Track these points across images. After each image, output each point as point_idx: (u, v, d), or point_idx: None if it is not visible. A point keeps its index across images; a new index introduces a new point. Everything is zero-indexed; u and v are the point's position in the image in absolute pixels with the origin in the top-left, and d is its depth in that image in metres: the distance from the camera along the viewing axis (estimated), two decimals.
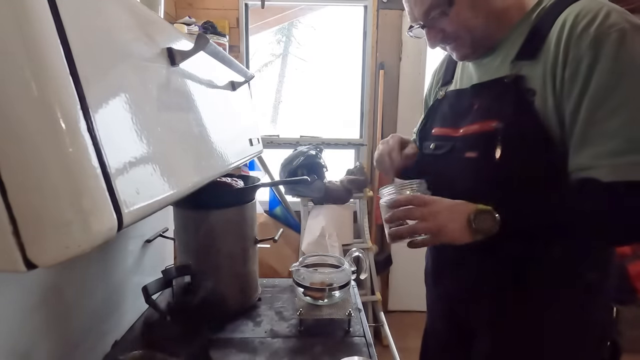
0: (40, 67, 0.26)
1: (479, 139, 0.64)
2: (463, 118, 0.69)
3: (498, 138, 0.60)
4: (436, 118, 0.79)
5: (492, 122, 0.62)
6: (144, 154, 0.37)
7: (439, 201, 0.61)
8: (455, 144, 0.70)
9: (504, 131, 0.60)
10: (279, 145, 2.34)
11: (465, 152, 0.67)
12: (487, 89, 0.66)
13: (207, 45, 0.51)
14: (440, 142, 0.75)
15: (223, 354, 0.75)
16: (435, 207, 0.60)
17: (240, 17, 2.17)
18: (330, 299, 0.86)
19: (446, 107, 0.77)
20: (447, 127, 0.74)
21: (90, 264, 0.73)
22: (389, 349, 1.88)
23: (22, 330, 0.56)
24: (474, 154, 0.65)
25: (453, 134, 0.71)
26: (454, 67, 0.80)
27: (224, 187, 0.87)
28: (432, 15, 0.64)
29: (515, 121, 0.59)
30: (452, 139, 0.71)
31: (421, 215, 0.60)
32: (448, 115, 0.75)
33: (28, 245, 0.26)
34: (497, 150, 0.60)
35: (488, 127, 0.62)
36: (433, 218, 0.59)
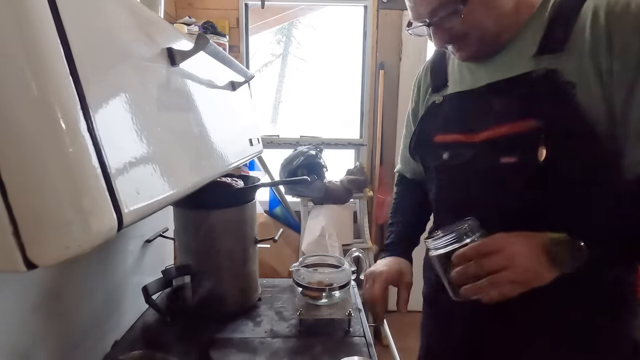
0: (40, 68, 0.26)
1: (515, 142, 0.58)
2: (480, 121, 0.63)
3: (540, 138, 0.54)
4: (437, 124, 0.72)
5: (528, 121, 0.56)
6: (144, 154, 0.37)
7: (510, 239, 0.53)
8: (477, 151, 0.63)
9: (546, 129, 0.54)
10: (279, 145, 2.34)
11: (499, 158, 0.59)
12: (509, 87, 0.60)
13: (207, 45, 0.51)
14: (455, 149, 0.67)
15: (223, 354, 0.75)
16: (511, 250, 0.52)
17: (240, 17, 2.17)
18: (330, 299, 0.86)
19: (449, 111, 0.70)
20: (459, 133, 0.66)
21: (90, 264, 0.73)
22: (389, 349, 1.88)
23: (22, 330, 0.56)
24: (512, 158, 0.58)
25: (470, 139, 0.64)
26: (443, 70, 0.75)
27: (224, 187, 0.87)
28: (440, 14, 0.59)
29: (558, 117, 0.54)
30: (470, 145, 0.64)
31: (500, 265, 0.51)
32: (455, 119, 0.68)
33: (28, 246, 0.26)
34: (540, 152, 0.54)
35: (525, 127, 0.56)
36: (514, 263, 0.51)
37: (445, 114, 0.71)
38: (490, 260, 0.52)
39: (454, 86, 0.72)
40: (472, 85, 0.67)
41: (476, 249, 0.54)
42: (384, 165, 2.31)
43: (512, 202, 0.58)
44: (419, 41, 2.20)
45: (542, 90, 0.56)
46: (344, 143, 2.37)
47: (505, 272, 0.51)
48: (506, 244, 0.53)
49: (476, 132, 0.63)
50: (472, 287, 0.53)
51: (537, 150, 0.54)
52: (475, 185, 0.64)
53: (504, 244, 0.53)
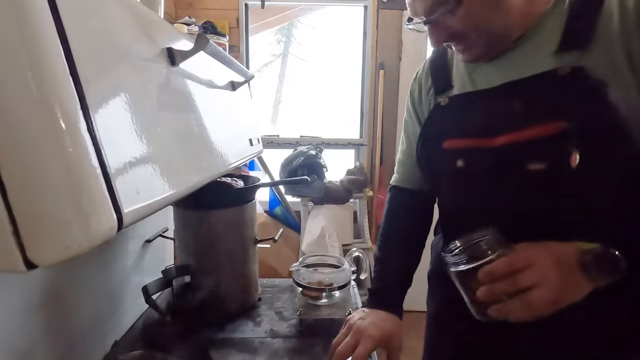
0: (40, 68, 0.26)
1: (544, 146, 0.52)
2: (500, 123, 0.57)
3: (572, 141, 0.49)
4: (445, 128, 0.65)
5: (557, 122, 0.50)
6: (144, 154, 0.37)
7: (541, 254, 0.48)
8: (499, 157, 0.57)
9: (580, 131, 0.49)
10: (279, 145, 2.34)
11: (526, 164, 0.54)
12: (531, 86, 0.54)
13: (207, 45, 0.51)
14: (471, 156, 0.61)
15: (223, 354, 0.75)
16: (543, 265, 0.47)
17: (240, 17, 2.17)
18: (330, 299, 0.86)
19: (458, 114, 0.64)
20: (473, 137, 0.60)
21: (90, 264, 0.73)
22: None
23: (22, 330, 0.56)
24: (541, 165, 0.52)
25: (488, 144, 0.58)
26: (446, 71, 0.68)
27: (224, 187, 0.87)
28: (436, 12, 0.55)
29: (591, 118, 0.49)
30: (488, 150, 0.58)
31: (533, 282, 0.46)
32: (466, 122, 0.62)
33: (28, 245, 0.26)
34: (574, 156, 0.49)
35: (555, 129, 0.50)
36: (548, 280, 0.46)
37: (453, 116, 0.65)
38: (522, 276, 0.46)
39: (461, 87, 0.65)
40: (485, 85, 0.61)
41: (508, 264, 0.48)
42: (384, 165, 2.31)
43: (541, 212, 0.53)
44: (419, 41, 2.20)
45: (570, 89, 0.50)
46: (344, 143, 2.37)
47: (539, 290, 0.46)
48: (538, 258, 0.47)
49: (494, 136, 0.57)
50: (502, 308, 0.48)
51: (570, 155, 0.49)
52: (497, 194, 0.58)
53: (536, 257, 0.47)
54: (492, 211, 0.57)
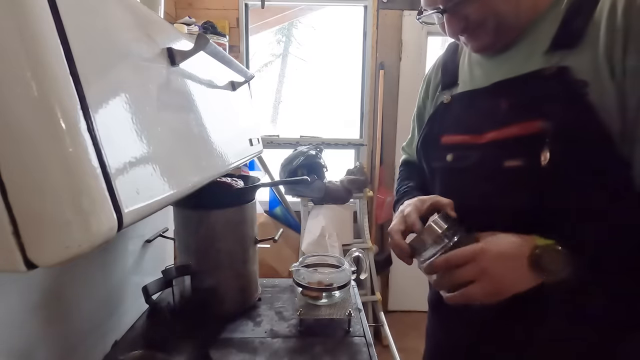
0: (40, 67, 0.26)
1: (520, 144, 0.54)
2: (487, 121, 0.60)
3: (545, 140, 0.51)
4: (445, 125, 0.68)
5: (536, 122, 0.52)
6: (144, 154, 0.37)
7: (484, 252, 0.51)
8: (483, 153, 0.59)
9: (553, 131, 0.50)
10: (279, 145, 2.34)
11: (503, 161, 0.56)
12: (518, 85, 0.57)
13: (207, 45, 0.51)
14: (460, 151, 0.64)
15: (223, 354, 0.75)
16: (483, 262, 0.50)
17: (240, 17, 2.17)
18: (330, 299, 0.86)
19: (458, 111, 0.66)
20: (465, 134, 0.63)
21: (90, 264, 0.73)
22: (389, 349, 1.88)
23: (22, 330, 0.56)
24: (516, 162, 0.55)
25: (475, 140, 0.61)
26: (454, 68, 0.71)
27: (224, 187, 0.87)
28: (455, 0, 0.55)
29: (566, 118, 0.50)
30: (475, 147, 0.61)
31: (469, 277, 0.51)
32: (463, 120, 0.65)
33: (28, 246, 0.26)
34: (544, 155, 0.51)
35: (532, 128, 0.53)
36: (483, 276, 0.50)
37: (453, 114, 0.67)
38: (460, 273, 0.51)
39: (463, 85, 0.68)
40: (482, 84, 0.63)
41: (446, 262, 0.53)
42: (384, 165, 2.31)
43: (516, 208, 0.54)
44: (419, 41, 2.20)
45: (552, 89, 0.52)
46: (344, 143, 2.37)
47: (476, 285, 0.50)
48: (479, 254, 0.51)
49: (482, 133, 0.60)
50: (449, 297, 0.53)
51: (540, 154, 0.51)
52: (479, 189, 0.60)
53: (477, 253, 0.51)
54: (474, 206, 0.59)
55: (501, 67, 0.60)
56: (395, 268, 2.34)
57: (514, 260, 0.50)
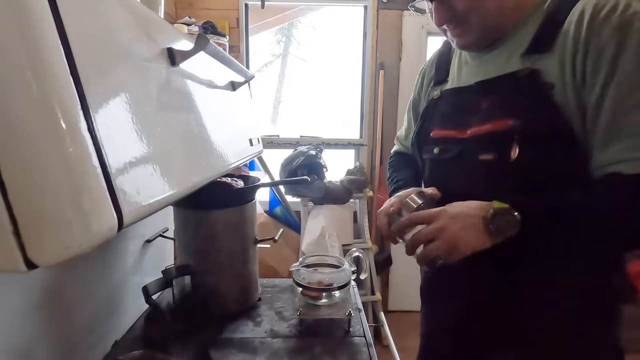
0: (41, 67, 0.26)
1: (493, 140, 0.60)
2: (470, 118, 0.65)
3: (515, 137, 0.56)
4: (434, 119, 0.74)
5: (507, 120, 0.57)
6: (144, 153, 0.37)
7: (442, 212, 0.56)
8: (464, 147, 0.65)
9: (521, 129, 0.56)
10: (279, 145, 2.34)
11: (479, 155, 0.62)
12: (497, 85, 0.61)
13: (207, 45, 0.51)
14: (445, 145, 0.69)
15: (223, 354, 0.75)
16: (440, 221, 0.55)
17: (240, 17, 2.17)
18: (330, 299, 0.86)
19: (445, 107, 0.72)
20: (451, 129, 0.69)
21: (90, 264, 0.73)
22: (389, 349, 1.88)
23: (22, 330, 0.56)
24: (489, 156, 0.60)
25: (459, 135, 0.66)
26: (447, 65, 0.76)
27: (224, 187, 0.87)
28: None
29: (534, 117, 0.55)
30: (459, 141, 0.66)
31: (427, 235, 0.56)
32: (450, 115, 0.70)
33: (28, 245, 0.26)
34: (514, 150, 0.56)
35: (504, 125, 0.58)
36: (441, 233, 0.55)
37: (442, 109, 0.73)
38: (421, 232, 0.57)
39: (452, 82, 0.73)
40: (467, 82, 0.68)
41: (408, 220, 0.60)
42: (383, 165, 2.31)
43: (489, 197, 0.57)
44: (419, 41, 2.20)
45: (523, 90, 0.57)
46: (344, 143, 2.37)
47: (435, 243, 0.55)
48: (439, 214, 0.56)
49: (466, 129, 0.65)
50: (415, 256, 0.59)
51: (510, 149, 0.56)
52: (458, 180, 0.66)
53: (437, 214, 0.56)
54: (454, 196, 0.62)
55: (484, 67, 0.65)
56: (395, 268, 2.34)
57: (470, 218, 0.54)
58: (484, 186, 0.61)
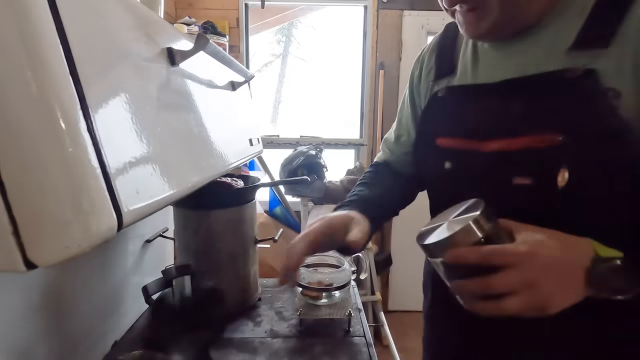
0: (40, 67, 0.26)
1: (534, 159, 0.46)
2: (494, 126, 0.51)
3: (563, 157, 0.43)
4: (438, 123, 0.59)
5: (553, 134, 0.44)
6: (144, 154, 0.37)
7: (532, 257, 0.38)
8: (487, 165, 0.50)
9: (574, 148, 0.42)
10: (279, 145, 2.34)
11: (512, 177, 0.47)
12: (535, 86, 0.47)
13: (207, 45, 0.51)
14: (459, 159, 0.54)
15: (223, 354, 0.75)
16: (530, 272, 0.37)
17: (240, 17, 2.17)
18: (330, 299, 0.86)
19: (456, 108, 0.57)
20: (465, 138, 0.54)
21: (90, 264, 0.73)
22: (389, 349, 1.88)
23: (22, 330, 0.56)
24: (526, 180, 0.46)
25: (478, 147, 0.51)
26: (452, 54, 0.60)
27: (224, 187, 0.87)
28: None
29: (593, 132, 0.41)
30: (477, 155, 0.51)
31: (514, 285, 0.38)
32: (462, 119, 0.55)
33: (28, 245, 0.26)
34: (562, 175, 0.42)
35: (547, 141, 0.44)
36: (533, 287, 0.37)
37: (449, 111, 0.58)
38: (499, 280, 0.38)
39: (462, 76, 0.57)
40: (488, 79, 0.53)
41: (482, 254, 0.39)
42: None
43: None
44: (419, 41, 2.20)
45: (577, 95, 0.43)
46: (344, 143, 2.37)
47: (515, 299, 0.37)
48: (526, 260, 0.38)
49: (484, 140, 0.51)
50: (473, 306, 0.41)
51: (557, 173, 0.43)
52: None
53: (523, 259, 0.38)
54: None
55: (514, 61, 0.50)
56: (395, 268, 2.34)
57: (568, 269, 0.39)
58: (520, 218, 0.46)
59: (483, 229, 0.40)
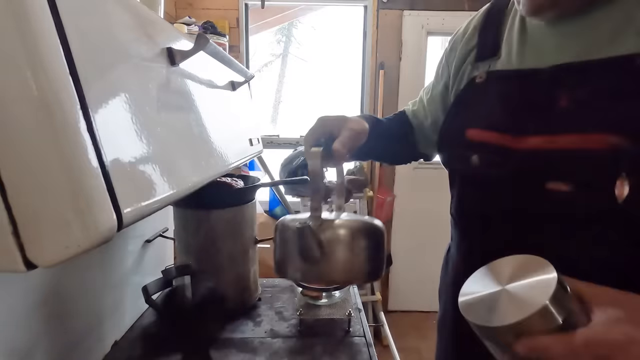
0: (40, 67, 0.26)
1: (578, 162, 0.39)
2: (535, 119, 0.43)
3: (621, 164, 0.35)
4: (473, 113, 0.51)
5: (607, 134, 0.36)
6: (144, 153, 0.37)
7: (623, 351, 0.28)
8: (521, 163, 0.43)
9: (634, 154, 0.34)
10: (279, 145, 2.34)
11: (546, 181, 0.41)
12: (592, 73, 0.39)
13: (207, 45, 0.51)
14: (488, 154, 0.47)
15: (223, 354, 0.75)
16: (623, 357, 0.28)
17: (240, 17, 2.17)
18: (330, 299, 0.86)
19: (494, 97, 0.48)
20: (499, 131, 0.46)
21: (90, 264, 0.73)
22: (389, 349, 1.88)
23: (22, 330, 0.56)
24: (565, 185, 0.39)
25: (513, 144, 0.44)
26: (497, 32, 0.51)
27: (224, 187, 0.87)
28: None
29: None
30: (511, 152, 0.44)
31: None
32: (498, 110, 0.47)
33: (28, 246, 0.26)
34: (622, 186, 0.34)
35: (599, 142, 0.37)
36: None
37: (487, 100, 0.49)
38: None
39: (506, 59, 0.49)
40: (536, 63, 0.45)
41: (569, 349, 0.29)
42: (383, 165, 2.31)
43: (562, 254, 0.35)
44: (419, 41, 2.20)
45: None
46: None
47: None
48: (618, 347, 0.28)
49: (522, 135, 0.43)
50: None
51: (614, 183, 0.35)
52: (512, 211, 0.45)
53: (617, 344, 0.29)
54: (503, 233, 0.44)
55: (569, 42, 0.42)
56: (395, 268, 2.34)
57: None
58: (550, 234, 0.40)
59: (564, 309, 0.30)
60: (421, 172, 2.28)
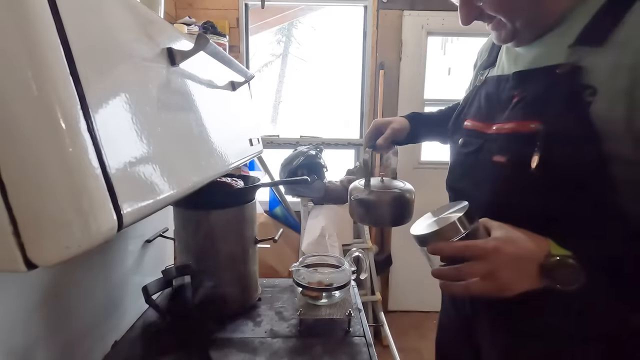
0: (40, 67, 0.26)
1: (511, 141, 0.54)
2: (499, 112, 0.58)
3: (536, 143, 0.49)
4: (472, 108, 0.67)
5: (531, 122, 0.50)
6: (144, 153, 0.37)
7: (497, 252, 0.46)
8: (483, 143, 0.60)
9: (545, 136, 0.48)
10: (279, 145, 2.34)
11: (492, 155, 0.56)
12: (532, 79, 0.54)
13: (207, 45, 0.51)
14: (469, 138, 0.64)
15: (223, 354, 0.75)
16: (493, 264, 0.46)
17: (240, 17, 2.17)
18: (330, 299, 0.86)
19: (483, 96, 0.65)
20: (479, 121, 0.63)
21: (90, 264, 0.73)
22: (389, 349, 1.88)
23: (22, 330, 0.56)
24: (502, 158, 0.54)
25: (484, 129, 0.60)
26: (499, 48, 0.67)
27: (224, 187, 0.87)
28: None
29: (563, 125, 0.47)
30: (481, 136, 0.61)
31: (479, 274, 0.47)
32: (483, 106, 0.64)
33: (28, 245, 0.26)
34: (533, 159, 0.49)
35: (525, 127, 0.51)
36: (494, 276, 0.46)
37: (480, 97, 0.66)
38: (468, 268, 0.47)
39: (497, 68, 0.66)
40: (508, 71, 0.61)
41: (456, 249, 0.48)
42: (383, 166, 2.31)
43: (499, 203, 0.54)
44: (419, 41, 2.20)
45: (559, 89, 0.49)
46: (344, 143, 2.37)
47: (479, 283, 0.47)
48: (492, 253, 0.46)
49: (492, 123, 0.59)
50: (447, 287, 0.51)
51: (531, 156, 0.49)
52: (471, 180, 0.62)
53: (490, 252, 0.46)
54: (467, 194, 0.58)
55: (526, 56, 0.57)
56: (395, 268, 2.34)
57: (526, 265, 0.46)
58: (491, 191, 0.56)
59: (465, 227, 0.49)
60: (421, 172, 2.28)
